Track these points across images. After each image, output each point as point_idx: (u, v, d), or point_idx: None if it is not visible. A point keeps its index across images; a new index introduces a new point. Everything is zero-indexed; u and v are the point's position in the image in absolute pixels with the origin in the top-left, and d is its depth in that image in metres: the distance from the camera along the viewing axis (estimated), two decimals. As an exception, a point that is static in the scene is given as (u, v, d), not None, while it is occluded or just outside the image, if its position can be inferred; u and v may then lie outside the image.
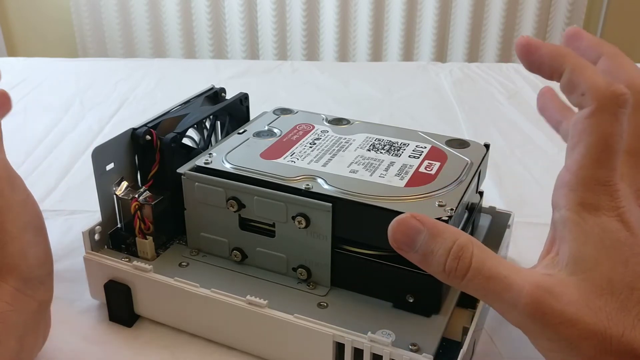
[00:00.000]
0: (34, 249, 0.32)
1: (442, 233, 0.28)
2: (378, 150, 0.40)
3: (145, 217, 0.38)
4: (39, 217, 0.33)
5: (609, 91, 0.26)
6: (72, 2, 1.66)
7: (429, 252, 0.28)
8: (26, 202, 0.32)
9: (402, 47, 1.70)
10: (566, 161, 0.28)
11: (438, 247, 0.27)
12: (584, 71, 0.27)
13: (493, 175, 0.60)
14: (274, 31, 1.69)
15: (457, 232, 0.28)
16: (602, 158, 0.27)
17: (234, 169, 0.37)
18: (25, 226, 0.32)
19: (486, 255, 0.27)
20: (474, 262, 0.27)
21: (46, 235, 0.33)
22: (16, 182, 0.32)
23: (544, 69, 0.29)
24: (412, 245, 0.28)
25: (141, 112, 0.75)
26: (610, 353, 0.25)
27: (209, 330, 0.36)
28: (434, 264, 0.28)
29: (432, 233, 0.28)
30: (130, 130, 0.39)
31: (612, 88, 0.26)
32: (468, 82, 0.88)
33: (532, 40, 0.29)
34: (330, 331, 0.32)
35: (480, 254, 0.27)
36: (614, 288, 0.26)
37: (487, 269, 0.27)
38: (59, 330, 0.37)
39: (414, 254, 0.28)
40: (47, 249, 0.33)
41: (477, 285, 0.27)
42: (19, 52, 1.81)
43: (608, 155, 0.27)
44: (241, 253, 0.38)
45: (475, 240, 0.28)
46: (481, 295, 0.28)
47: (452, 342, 0.33)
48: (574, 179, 0.27)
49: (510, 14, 1.67)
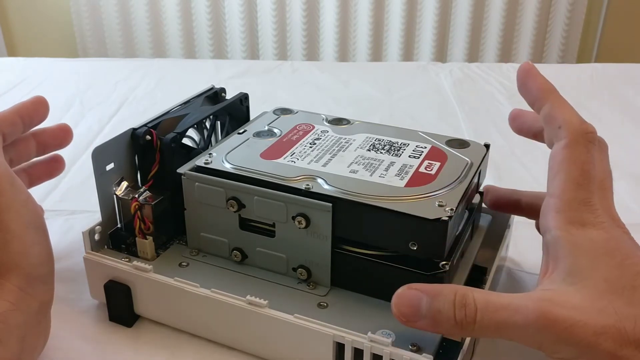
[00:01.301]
0: (36, 247, 0.32)
1: (440, 291, 0.29)
2: (378, 150, 0.40)
3: (145, 217, 0.38)
4: (39, 217, 0.33)
5: (581, 128, 0.31)
6: (72, 2, 1.66)
7: (436, 312, 0.29)
8: (27, 202, 0.32)
9: (402, 47, 1.70)
10: (548, 189, 0.32)
11: (442, 304, 0.29)
12: (563, 108, 0.32)
13: (493, 175, 0.60)
14: (274, 31, 1.69)
15: (453, 286, 0.30)
16: (581, 182, 0.30)
17: (234, 169, 0.37)
18: (27, 225, 0.32)
19: (485, 294, 0.29)
20: (478, 303, 0.28)
21: (47, 235, 0.34)
22: (16, 182, 0.32)
23: (530, 97, 0.34)
24: (419, 313, 0.29)
25: (141, 112, 0.75)
26: (630, 343, 0.26)
27: (209, 330, 0.36)
28: (444, 320, 0.29)
29: (432, 295, 0.29)
30: (130, 130, 0.39)
31: (584, 125, 0.31)
32: (468, 82, 0.88)
33: (534, 68, 0.35)
34: (330, 331, 0.32)
35: (480, 294, 0.29)
36: (615, 288, 0.27)
37: (492, 305, 0.28)
38: (59, 330, 0.37)
39: (423, 321, 0.29)
40: (49, 249, 0.33)
41: (489, 323, 0.28)
42: (19, 52, 1.81)
43: (586, 180, 0.30)
44: (241, 253, 0.38)
45: (473, 288, 0.29)
46: (495, 331, 0.28)
47: (452, 342, 0.33)
48: (559, 202, 0.30)
49: (510, 14, 1.67)
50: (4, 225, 0.31)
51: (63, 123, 0.44)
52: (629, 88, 0.85)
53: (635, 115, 0.76)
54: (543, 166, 0.65)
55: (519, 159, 0.64)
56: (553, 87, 0.34)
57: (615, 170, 0.33)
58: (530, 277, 0.43)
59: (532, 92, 0.34)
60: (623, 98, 0.82)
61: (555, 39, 1.71)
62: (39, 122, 0.43)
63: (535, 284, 0.31)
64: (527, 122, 0.38)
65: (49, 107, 0.43)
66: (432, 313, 0.29)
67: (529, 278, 0.43)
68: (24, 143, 0.42)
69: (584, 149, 0.31)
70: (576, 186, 0.30)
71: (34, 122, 0.42)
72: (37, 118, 0.42)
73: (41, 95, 0.43)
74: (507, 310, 0.28)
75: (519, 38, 1.71)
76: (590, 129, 0.31)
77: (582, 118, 0.32)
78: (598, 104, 0.79)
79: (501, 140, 0.69)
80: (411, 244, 0.33)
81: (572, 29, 1.70)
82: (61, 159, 0.46)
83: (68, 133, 0.44)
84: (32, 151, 0.43)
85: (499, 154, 0.65)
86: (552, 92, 0.34)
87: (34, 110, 0.42)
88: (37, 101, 0.42)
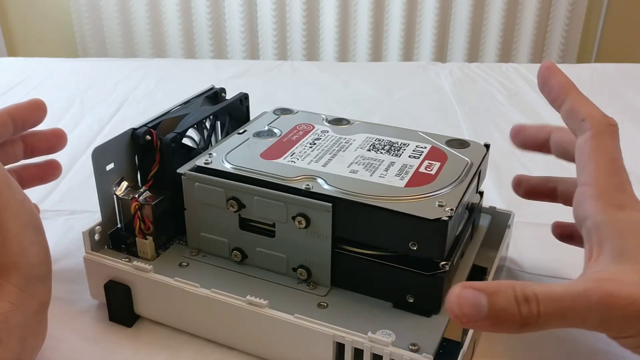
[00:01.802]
0: (35, 247, 0.32)
1: (498, 289, 0.28)
2: (378, 151, 0.40)
3: (145, 217, 0.38)
4: (36, 217, 0.33)
5: (605, 120, 0.33)
6: (72, 2, 1.66)
7: (499, 310, 0.28)
8: (24, 202, 0.32)
9: (402, 47, 1.70)
10: (579, 179, 0.32)
11: (505, 302, 0.28)
12: (584, 103, 0.34)
13: (493, 175, 0.60)
14: (274, 31, 1.69)
15: (509, 282, 0.29)
16: (613, 169, 0.32)
17: (234, 169, 0.37)
18: (25, 225, 0.32)
19: (542, 286, 0.28)
20: (539, 296, 0.28)
21: (44, 235, 0.33)
22: (12, 183, 0.32)
23: (551, 94, 0.35)
24: (481, 313, 0.28)
25: (141, 112, 0.75)
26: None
27: (209, 330, 0.36)
28: (508, 318, 0.28)
29: (490, 293, 0.28)
30: (130, 131, 0.39)
31: (606, 118, 0.33)
32: (468, 82, 0.88)
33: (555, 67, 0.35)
34: (330, 331, 0.32)
35: (538, 287, 0.28)
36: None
37: (553, 295, 0.28)
38: (59, 330, 0.37)
39: (484, 321, 0.28)
40: (47, 248, 0.33)
41: (553, 314, 0.28)
42: (19, 52, 1.81)
43: (616, 167, 0.32)
44: (241, 253, 0.38)
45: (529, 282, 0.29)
46: (559, 320, 0.28)
47: (452, 342, 0.33)
48: (596, 190, 0.31)
49: (510, 14, 1.67)
50: (3, 225, 0.31)
51: (57, 128, 0.43)
52: (629, 88, 0.85)
53: (635, 115, 0.76)
54: (543, 166, 0.65)
55: (519, 159, 0.64)
56: (573, 84, 0.35)
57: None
58: (530, 277, 0.43)
59: (553, 89, 0.35)
60: (623, 98, 0.82)
61: (555, 39, 1.71)
62: (33, 125, 0.42)
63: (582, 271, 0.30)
64: (531, 134, 0.39)
65: (46, 111, 0.42)
66: (495, 312, 0.28)
67: (529, 278, 0.43)
68: (10, 144, 0.41)
69: (609, 139, 0.32)
70: (609, 173, 0.31)
71: (26, 125, 0.42)
72: (31, 121, 0.42)
73: (39, 98, 0.42)
74: (568, 297, 0.28)
75: (519, 38, 1.71)
76: (612, 121, 0.33)
77: (603, 112, 0.33)
78: (598, 104, 0.78)
79: (501, 140, 0.69)
80: (411, 244, 0.33)
81: (572, 29, 1.70)
82: (57, 165, 0.45)
83: (61, 138, 0.43)
84: (18, 153, 0.42)
85: (499, 154, 0.65)
86: (572, 89, 0.35)
87: (29, 112, 0.41)
88: (33, 103, 0.42)
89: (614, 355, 0.37)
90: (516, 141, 0.40)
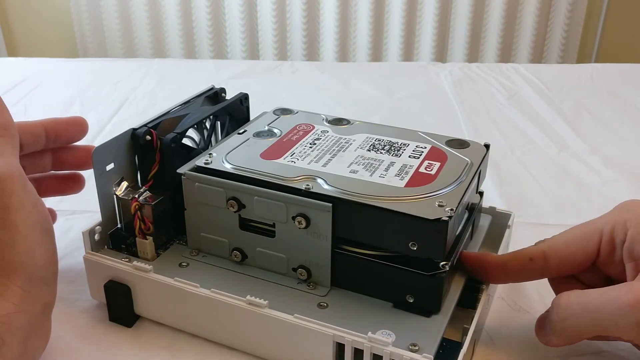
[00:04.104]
0: (42, 248, 0.32)
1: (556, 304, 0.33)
2: (378, 151, 0.40)
3: (145, 217, 0.38)
4: (47, 220, 0.34)
5: None
6: (72, 3, 1.66)
7: None
8: (36, 204, 0.33)
9: (402, 47, 1.70)
10: None
11: None
12: None
13: (493, 175, 0.60)
14: (274, 31, 1.69)
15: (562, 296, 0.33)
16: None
17: (234, 169, 0.37)
18: (35, 225, 0.32)
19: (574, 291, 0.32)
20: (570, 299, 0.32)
21: (53, 238, 0.34)
22: (27, 185, 0.33)
23: None
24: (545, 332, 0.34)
25: (141, 113, 0.75)
26: None
27: (209, 330, 0.36)
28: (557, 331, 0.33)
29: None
30: (131, 131, 0.39)
31: None
32: (468, 82, 0.88)
33: None
34: (330, 331, 0.32)
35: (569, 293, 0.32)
36: None
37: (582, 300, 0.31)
38: (59, 330, 0.37)
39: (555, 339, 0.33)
40: (54, 251, 0.34)
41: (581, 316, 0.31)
42: (19, 52, 1.81)
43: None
44: (241, 253, 0.38)
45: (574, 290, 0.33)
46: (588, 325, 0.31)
47: (452, 342, 0.33)
48: None
49: (510, 14, 1.67)
50: (13, 225, 0.31)
51: (90, 145, 0.42)
52: (629, 88, 0.85)
53: (635, 115, 0.76)
54: (543, 166, 0.65)
55: (519, 159, 0.64)
56: None
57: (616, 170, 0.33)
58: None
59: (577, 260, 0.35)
60: (623, 98, 0.82)
61: (555, 39, 1.71)
62: (70, 141, 0.42)
63: None
64: None
65: (86, 129, 0.42)
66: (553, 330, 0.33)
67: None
68: (39, 155, 0.42)
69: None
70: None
71: (60, 139, 0.41)
72: (67, 137, 0.42)
73: (81, 117, 0.42)
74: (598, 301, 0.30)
75: (519, 38, 1.71)
76: None
77: None
78: (598, 104, 0.79)
79: (501, 140, 0.69)
80: (411, 244, 0.33)
81: (572, 29, 1.70)
82: (79, 179, 0.44)
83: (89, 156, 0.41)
84: (46, 165, 0.42)
85: (499, 154, 0.65)
86: None
87: (64, 128, 0.41)
88: (72, 120, 0.42)
89: (614, 355, 0.37)
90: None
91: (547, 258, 0.35)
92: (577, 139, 0.69)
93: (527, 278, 0.37)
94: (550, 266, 0.35)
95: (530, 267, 0.35)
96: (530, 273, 0.36)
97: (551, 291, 0.37)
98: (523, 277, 0.37)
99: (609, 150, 0.65)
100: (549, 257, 0.35)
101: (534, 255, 0.35)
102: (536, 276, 0.36)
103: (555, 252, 0.35)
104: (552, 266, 0.35)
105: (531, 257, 0.35)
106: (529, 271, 0.36)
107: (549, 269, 0.35)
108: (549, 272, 0.36)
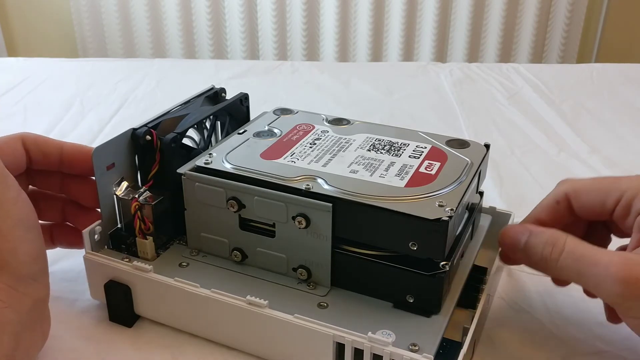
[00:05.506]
0: (25, 245, 0.32)
1: (542, 231, 0.34)
2: (378, 151, 0.40)
3: (145, 217, 0.38)
4: (30, 215, 0.33)
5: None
6: (72, 2, 1.66)
7: (530, 246, 0.34)
8: (17, 200, 0.32)
9: (402, 47, 1.70)
10: None
11: (537, 240, 0.34)
12: None
13: (493, 175, 0.60)
14: (274, 31, 1.69)
15: (554, 230, 0.34)
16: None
17: (234, 169, 0.37)
18: (16, 223, 0.32)
19: (579, 242, 0.33)
20: (566, 246, 0.33)
21: (39, 233, 0.33)
22: (8, 180, 0.32)
23: None
24: (517, 246, 0.35)
25: (141, 112, 0.75)
26: None
27: (209, 330, 0.36)
28: (532, 255, 0.34)
29: (533, 232, 0.35)
30: (131, 131, 0.39)
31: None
32: (468, 82, 0.88)
33: None
34: (330, 331, 0.32)
35: (573, 241, 0.33)
36: None
37: (578, 252, 0.32)
38: (59, 330, 0.37)
39: (519, 253, 0.35)
40: (40, 246, 0.33)
41: (571, 266, 0.32)
42: (19, 52, 1.81)
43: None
44: (241, 253, 0.38)
45: (572, 235, 0.33)
46: (576, 276, 0.32)
47: (452, 342, 0.33)
48: None
49: (510, 14, 1.67)
50: None
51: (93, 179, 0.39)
52: (629, 88, 0.85)
53: (635, 115, 0.76)
54: (543, 166, 0.64)
55: (519, 159, 0.64)
56: None
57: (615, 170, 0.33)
58: (530, 277, 0.43)
59: None
60: (623, 98, 0.82)
61: (555, 39, 1.71)
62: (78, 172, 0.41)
63: None
64: None
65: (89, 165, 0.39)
66: (527, 247, 0.34)
67: (529, 278, 0.43)
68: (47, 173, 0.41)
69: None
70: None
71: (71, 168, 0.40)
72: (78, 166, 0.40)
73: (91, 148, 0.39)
74: (589, 260, 0.31)
75: (519, 38, 1.71)
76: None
77: None
78: (598, 104, 0.79)
79: (501, 140, 0.69)
80: (411, 244, 0.33)
81: (572, 29, 1.70)
82: None
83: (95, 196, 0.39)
84: (53, 184, 0.41)
85: (499, 154, 0.65)
86: None
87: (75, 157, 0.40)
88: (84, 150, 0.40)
89: (614, 355, 0.37)
90: None
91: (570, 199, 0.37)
92: (577, 139, 0.69)
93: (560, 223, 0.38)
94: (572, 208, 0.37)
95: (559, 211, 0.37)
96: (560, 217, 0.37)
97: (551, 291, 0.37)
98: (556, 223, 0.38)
99: (609, 150, 0.65)
100: (571, 198, 0.37)
101: (558, 197, 0.37)
102: (564, 220, 0.38)
103: (577, 195, 0.37)
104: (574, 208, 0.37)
105: (557, 200, 0.37)
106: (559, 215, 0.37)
107: (572, 212, 0.37)
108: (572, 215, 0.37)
